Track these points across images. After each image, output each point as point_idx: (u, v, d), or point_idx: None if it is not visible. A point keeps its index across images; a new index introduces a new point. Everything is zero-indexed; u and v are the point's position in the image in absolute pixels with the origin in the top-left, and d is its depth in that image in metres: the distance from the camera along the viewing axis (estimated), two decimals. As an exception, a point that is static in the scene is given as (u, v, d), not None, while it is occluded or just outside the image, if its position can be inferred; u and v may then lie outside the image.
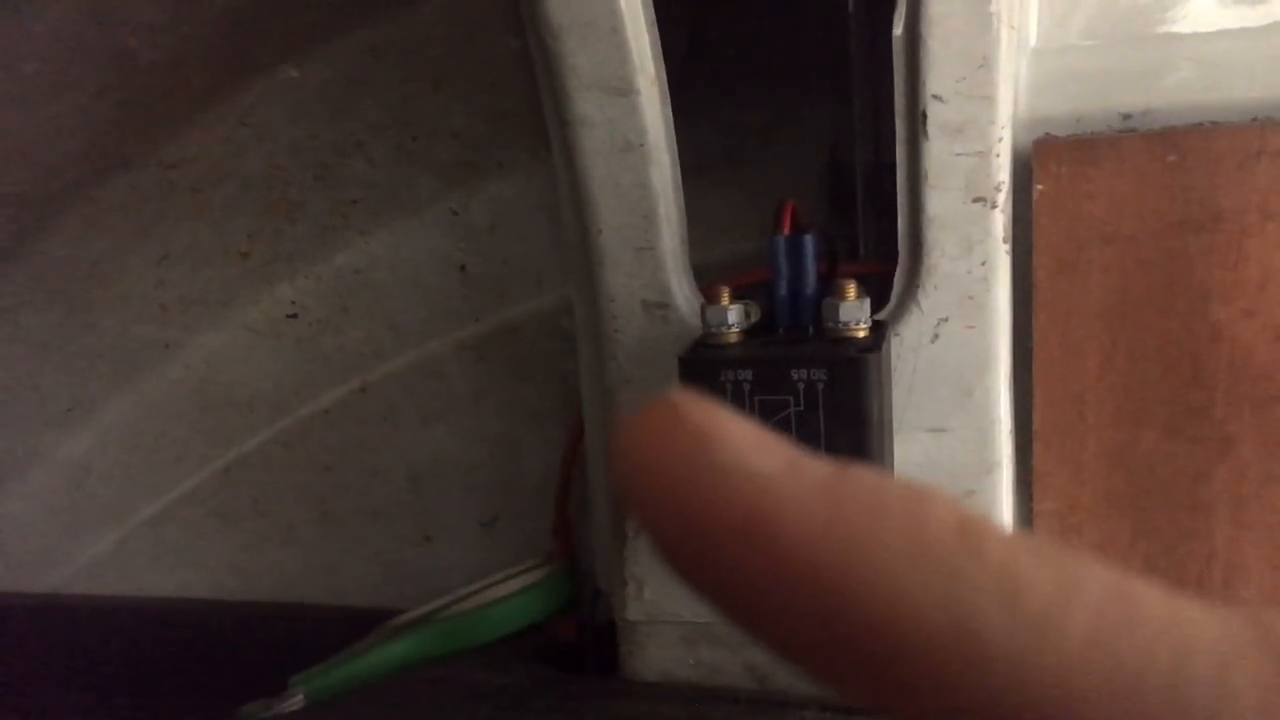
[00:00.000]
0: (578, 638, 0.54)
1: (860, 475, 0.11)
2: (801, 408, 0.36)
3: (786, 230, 0.40)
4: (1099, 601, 0.10)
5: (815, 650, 0.11)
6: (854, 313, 0.37)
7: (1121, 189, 0.39)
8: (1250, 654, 0.10)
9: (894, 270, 0.39)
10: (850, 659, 0.11)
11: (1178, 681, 0.10)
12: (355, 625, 0.56)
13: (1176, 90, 0.39)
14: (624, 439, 0.12)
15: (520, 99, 0.55)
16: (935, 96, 0.37)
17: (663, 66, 0.40)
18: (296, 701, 0.50)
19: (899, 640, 0.10)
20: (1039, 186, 0.40)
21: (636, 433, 0.12)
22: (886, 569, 0.11)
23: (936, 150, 0.37)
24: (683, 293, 0.41)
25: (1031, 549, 0.11)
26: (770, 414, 0.37)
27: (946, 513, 0.11)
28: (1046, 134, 0.40)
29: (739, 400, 0.37)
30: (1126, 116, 0.39)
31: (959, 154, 0.37)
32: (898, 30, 0.37)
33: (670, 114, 0.41)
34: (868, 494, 0.11)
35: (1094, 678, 0.10)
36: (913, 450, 0.40)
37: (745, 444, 0.11)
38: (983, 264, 0.38)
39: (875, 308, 0.39)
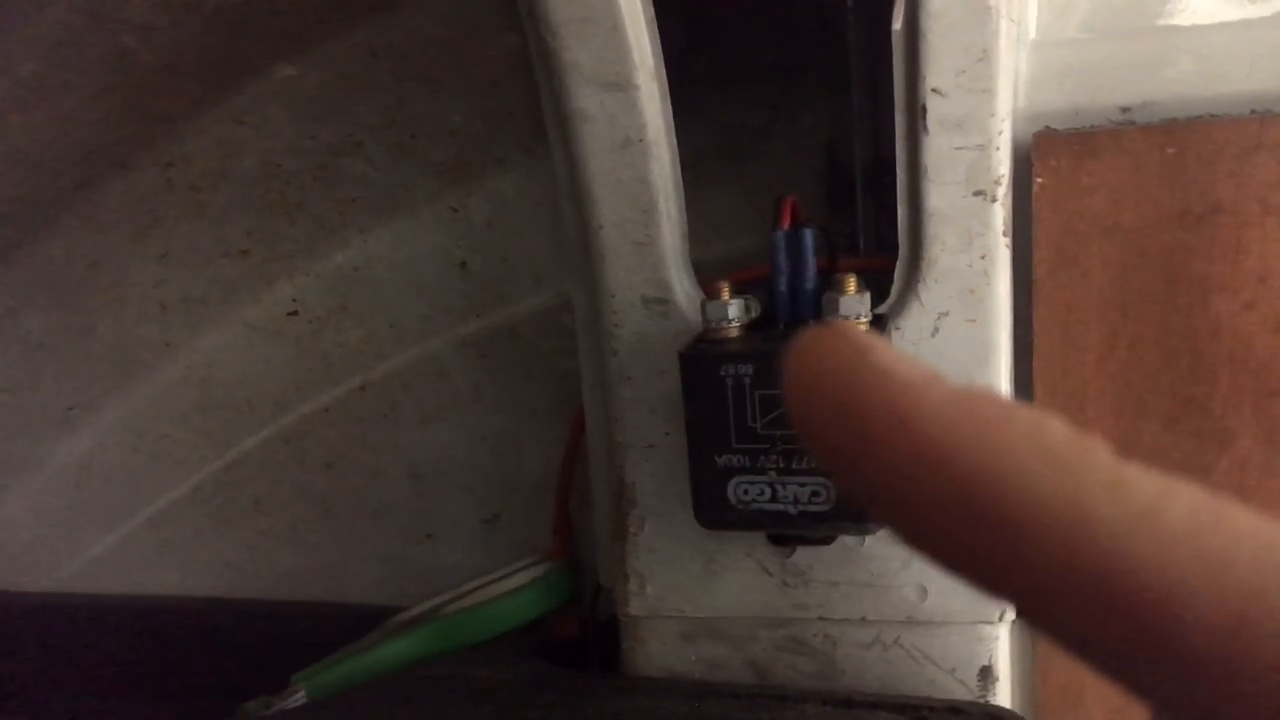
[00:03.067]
0: (579, 634, 0.54)
1: (991, 391, 0.14)
2: (802, 402, 0.36)
3: (786, 225, 0.40)
4: (1194, 504, 0.12)
5: (943, 530, 0.13)
6: (854, 307, 0.37)
7: (1121, 182, 0.39)
8: None
9: (894, 264, 0.39)
10: (974, 537, 0.13)
11: (1259, 575, 0.11)
12: (356, 623, 0.56)
13: (1176, 83, 0.39)
14: (796, 348, 0.14)
15: (518, 96, 0.55)
16: (935, 90, 0.37)
17: (662, 61, 0.40)
18: (297, 699, 0.50)
19: (1019, 519, 0.12)
20: (1039, 180, 0.40)
21: (807, 343, 0.14)
22: (1010, 459, 0.12)
23: (936, 144, 0.37)
24: (683, 288, 0.41)
25: (1137, 464, 0.13)
26: (771, 408, 0.37)
27: (1064, 425, 0.13)
28: (1046, 127, 0.40)
29: (739, 394, 0.37)
30: (1126, 109, 0.39)
31: (959, 147, 0.37)
32: (897, 24, 0.37)
33: (669, 109, 0.41)
34: (997, 403, 0.13)
35: (1187, 563, 0.12)
36: (913, 444, 0.40)
37: (895, 357, 0.14)
38: (983, 257, 0.38)
39: (875, 302, 0.39)
